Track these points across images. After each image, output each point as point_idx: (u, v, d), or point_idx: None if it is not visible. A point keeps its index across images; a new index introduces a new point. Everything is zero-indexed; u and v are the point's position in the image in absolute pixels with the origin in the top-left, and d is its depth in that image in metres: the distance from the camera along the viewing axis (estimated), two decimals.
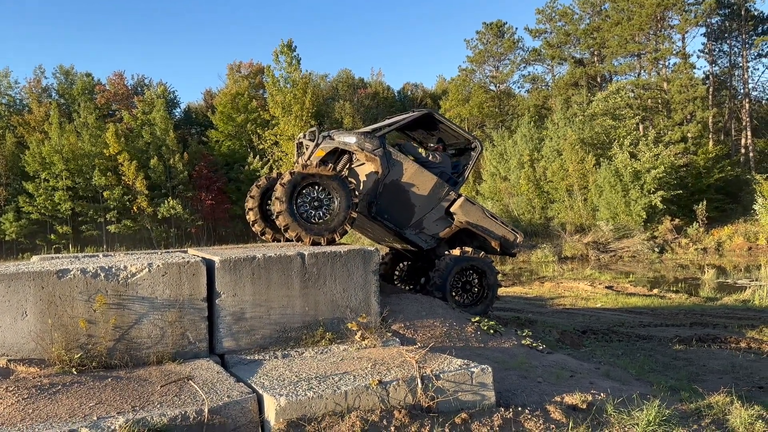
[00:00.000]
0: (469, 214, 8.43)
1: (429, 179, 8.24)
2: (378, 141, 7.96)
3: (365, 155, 7.88)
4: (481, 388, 4.78)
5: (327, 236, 7.07)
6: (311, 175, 7.07)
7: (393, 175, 8.05)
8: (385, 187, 8.05)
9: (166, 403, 4.19)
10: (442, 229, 8.43)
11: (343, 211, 7.15)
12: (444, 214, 8.40)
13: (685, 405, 5.03)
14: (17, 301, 4.99)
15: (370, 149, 7.87)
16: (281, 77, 41.17)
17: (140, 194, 40.98)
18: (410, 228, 8.33)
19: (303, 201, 7.13)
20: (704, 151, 36.40)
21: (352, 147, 7.92)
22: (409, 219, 8.28)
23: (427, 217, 8.33)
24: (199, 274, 5.58)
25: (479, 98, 46.91)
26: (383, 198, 8.08)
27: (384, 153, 7.94)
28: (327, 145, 8.00)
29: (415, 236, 8.38)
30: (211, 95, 55.73)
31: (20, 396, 4.30)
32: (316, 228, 7.05)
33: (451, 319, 7.25)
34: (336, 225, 7.13)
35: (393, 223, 8.24)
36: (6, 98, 50.60)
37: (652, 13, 38.00)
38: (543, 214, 35.09)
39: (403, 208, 8.21)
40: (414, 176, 8.16)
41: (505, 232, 8.72)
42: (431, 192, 8.26)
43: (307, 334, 5.99)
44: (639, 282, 18.78)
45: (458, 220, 8.38)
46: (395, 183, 8.08)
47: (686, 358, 7.75)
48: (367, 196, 7.98)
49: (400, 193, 8.14)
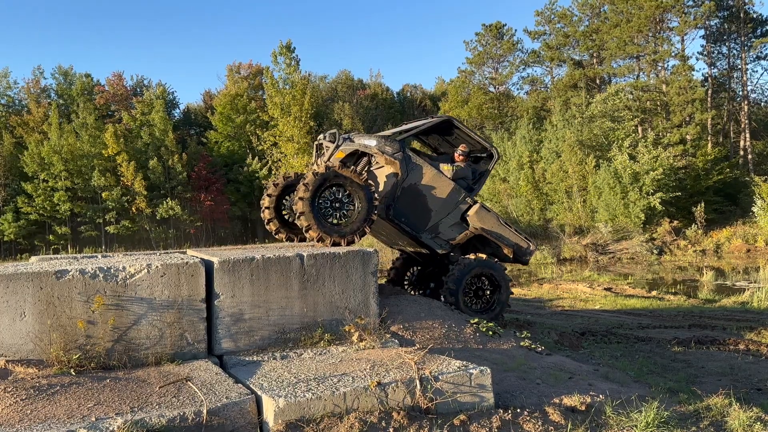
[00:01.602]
0: (484, 220, 8.49)
1: (446, 184, 8.31)
2: (398, 145, 8.05)
3: (385, 158, 7.97)
4: (480, 389, 4.78)
5: (348, 238, 7.15)
6: (336, 176, 7.13)
7: (411, 179, 8.11)
8: (403, 191, 8.12)
9: (164, 404, 4.19)
10: (457, 235, 8.48)
11: (363, 214, 7.22)
12: (459, 219, 8.46)
13: (683, 407, 5.03)
14: (16, 301, 4.99)
15: (390, 152, 7.94)
16: (280, 78, 41.18)
17: (139, 195, 40.94)
18: (426, 232, 8.39)
19: (325, 201, 7.18)
20: (703, 153, 36.46)
21: (373, 150, 8.01)
22: (426, 223, 8.34)
23: (443, 221, 8.39)
24: (198, 275, 5.58)
25: (478, 100, 46.93)
26: (401, 201, 8.16)
27: (404, 157, 8.00)
28: (347, 146, 8.08)
29: (430, 240, 8.44)
30: (210, 96, 55.70)
31: (18, 397, 4.29)
32: (336, 229, 7.11)
33: (450, 320, 7.25)
34: (356, 227, 7.20)
35: (410, 226, 8.31)
36: (5, 99, 50.56)
37: (651, 15, 38.05)
38: (542, 216, 35.10)
39: (420, 212, 8.29)
40: (432, 181, 8.23)
41: (519, 240, 8.75)
42: (448, 197, 8.33)
43: (305, 335, 5.99)
44: (638, 284, 18.78)
45: (473, 226, 8.44)
46: (413, 187, 8.16)
47: (685, 359, 7.75)
48: (385, 199, 8.04)
49: (417, 197, 8.21)
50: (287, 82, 41.03)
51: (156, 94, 47.94)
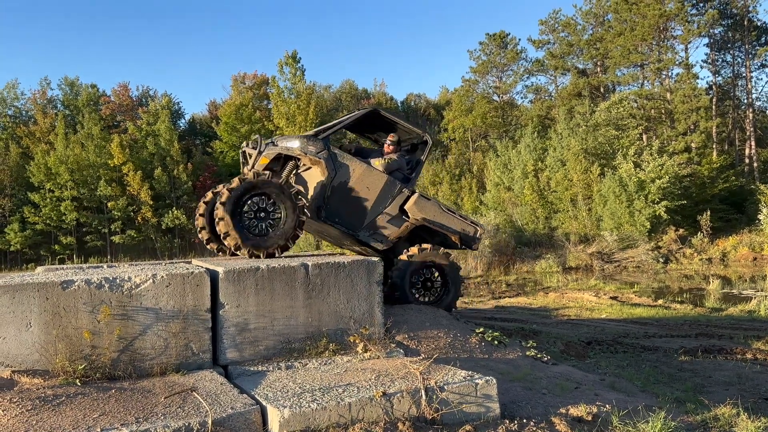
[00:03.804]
0: (425, 210, 8.20)
1: (379, 178, 8.02)
2: (322, 143, 7.73)
3: (310, 159, 7.67)
4: (486, 399, 4.75)
5: (267, 249, 6.87)
6: (259, 184, 6.88)
7: (341, 178, 7.83)
8: (333, 190, 7.82)
9: (169, 415, 4.18)
10: (397, 228, 8.18)
11: (287, 226, 6.96)
12: (398, 212, 8.16)
13: (690, 417, 5.00)
14: (22, 312, 5.00)
15: (314, 152, 7.65)
16: (285, 88, 41.43)
17: (145, 204, 41.12)
18: (364, 229, 8.08)
19: (249, 210, 6.93)
20: (708, 161, 36.36)
21: (296, 152, 7.68)
22: (362, 220, 8.04)
23: (381, 217, 8.09)
24: (203, 285, 5.58)
25: (482, 108, 47.00)
26: (332, 201, 7.86)
27: (329, 155, 7.71)
28: (270, 151, 7.78)
29: (369, 237, 8.13)
30: (216, 106, 56.00)
31: (24, 407, 4.29)
32: (257, 240, 6.86)
33: (455, 330, 7.23)
34: (278, 239, 6.93)
35: (345, 226, 8.01)
36: (12, 109, 50.93)
37: (655, 24, 38.09)
38: (547, 224, 35.02)
39: (354, 210, 7.98)
40: (363, 177, 7.93)
41: (464, 226, 8.47)
42: (383, 191, 8.03)
43: (310, 345, 5.98)
44: (644, 292, 18.70)
45: (413, 217, 8.15)
46: (344, 185, 7.86)
47: (692, 369, 7.70)
48: (315, 201, 7.76)
49: (349, 194, 7.92)
50: (293, 91, 41.27)
51: (161, 105, 48.22)
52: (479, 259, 28.51)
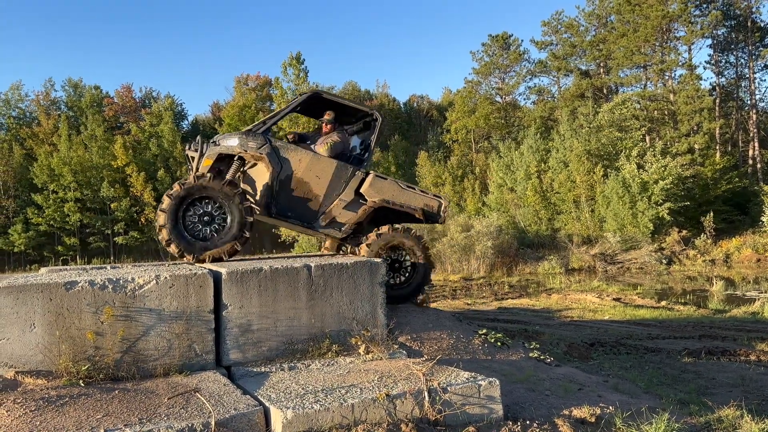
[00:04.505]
0: (382, 191, 7.83)
1: (328, 165, 7.68)
2: (262, 138, 7.46)
3: (252, 155, 7.42)
4: (489, 401, 4.75)
5: (213, 254, 6.74)
6: (201, 188, 6.68)
7: (287, 170, 7.53)
8: (281, 185, 7.54)
9: (173, 416, 4.19)
10: (354, 214, 7.82)
11: (233, 230, 6.78)
12: (355, 196, 7.81)
13: (694, 418, 4.99)
14: (25, 313, 5.01)
15: (254, 148, 7.37)
16: (289, 89, 41.49)
17: (148, 206, 41.17)
18: (319, 220, 7.75)
19: (194, 215, 6.75)
20: (711, 162, 36.28)
21: (236, 150, 7.36)
22: (316, 211, 7.71)
23: (336, 204, 7.75)
24: (206, 286, 5.59)
25: (485, 110, 46.98)
26: (282, 196, 7.57)
27: (271, 149, 7.45)
28: (212, 152, 7.50)
29: (326, 228, 7.80)
30: (219, 107, 56.08)
31: (28, 408, 4.30)
32: (202, 245, 6.72)
33: (458, 331, 7.23)
34: (223, 244, 6.79)
35: (299, 219, 7.71)
36: (16, 111, 51.06)
37: (658, 25, 38.04)
38: (550, 226, 34.99)
39: (305, 202, 7.67)
40: (310, 166, 7.61)
41: (427, 201, 8.10)
42: (334, 177, 7.69)
43: (313, 346, 5.98)
44: (647, 294, 18.66)
45: (371, 200, 7.78)
46: (291, 177, 7.56)
47: (695, 371, 7.68)
48: (263, 198, 7.49)
49: (299, 186, 7.61)
50: (296, 93, 41.34)
51: (164, 106, 48.32)
52: (482, 261, 28.51)
